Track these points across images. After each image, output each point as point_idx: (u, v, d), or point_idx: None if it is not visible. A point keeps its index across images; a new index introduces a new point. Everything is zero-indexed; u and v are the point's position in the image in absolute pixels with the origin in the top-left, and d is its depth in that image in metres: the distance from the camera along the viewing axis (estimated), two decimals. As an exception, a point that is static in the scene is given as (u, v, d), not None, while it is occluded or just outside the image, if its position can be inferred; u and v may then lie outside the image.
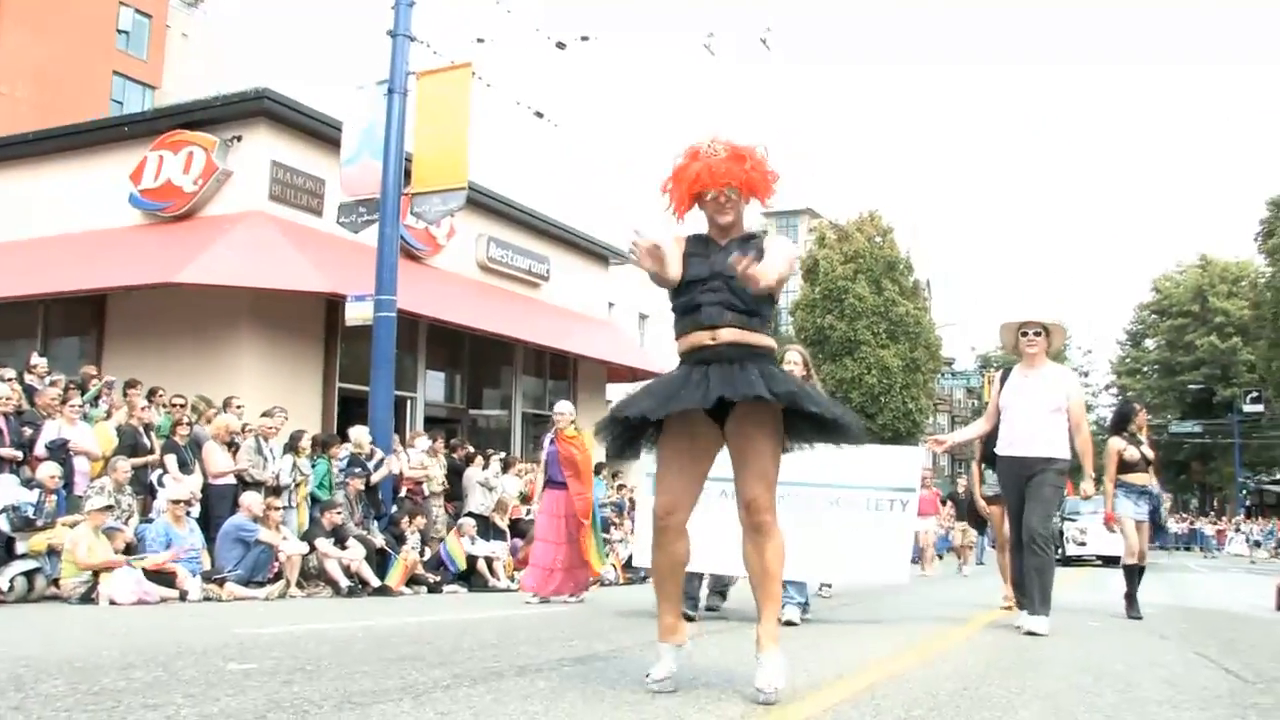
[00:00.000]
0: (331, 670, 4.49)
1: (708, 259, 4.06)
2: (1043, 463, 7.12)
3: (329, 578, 10.87)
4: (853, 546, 7.57)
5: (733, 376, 3.83)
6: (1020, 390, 7.34)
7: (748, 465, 3.99)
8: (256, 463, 11.36)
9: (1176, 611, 10.24)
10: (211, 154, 15.68)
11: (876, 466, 7.70)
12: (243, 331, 14.94)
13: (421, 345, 18.26)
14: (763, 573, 4.02)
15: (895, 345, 40.75)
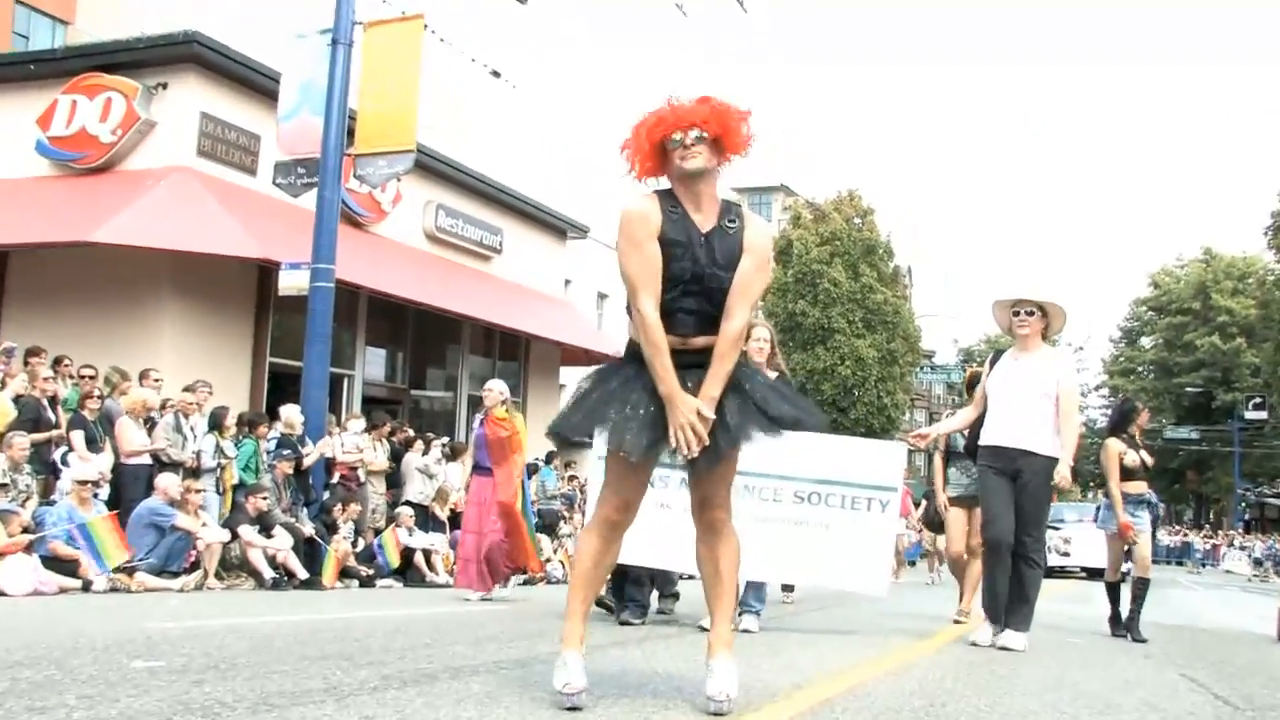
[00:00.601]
0: (248, 669, 4.44)
1: (687, 252, 3.86)
2: (1028, 458, 6.92)
3: (252, 568, 10.81)
4: (824, 548, 7.44)
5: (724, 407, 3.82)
6: (1009, 376, 7.14)
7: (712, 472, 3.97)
8: (175, 441, 11.23)
9: (1163, 630, 10.32)
10: (133, 101, 15.38)
11: (854, 461, 7.60)
12: (164, 299, 14.76)
13: (361, 319, 18.18)
14: (716, 575, 4.01)
15: (871, 335, 40.92)
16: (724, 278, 3.86)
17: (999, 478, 7.02)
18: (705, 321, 3.87)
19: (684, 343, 3.86)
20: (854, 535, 7.49)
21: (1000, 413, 7.12)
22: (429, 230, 20.11)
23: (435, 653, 5.32)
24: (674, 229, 3.87)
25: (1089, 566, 23.84)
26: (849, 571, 7.59)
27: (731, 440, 3.86)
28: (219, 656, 4.83)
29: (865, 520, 7.52)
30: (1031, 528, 7.00)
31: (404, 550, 13.00)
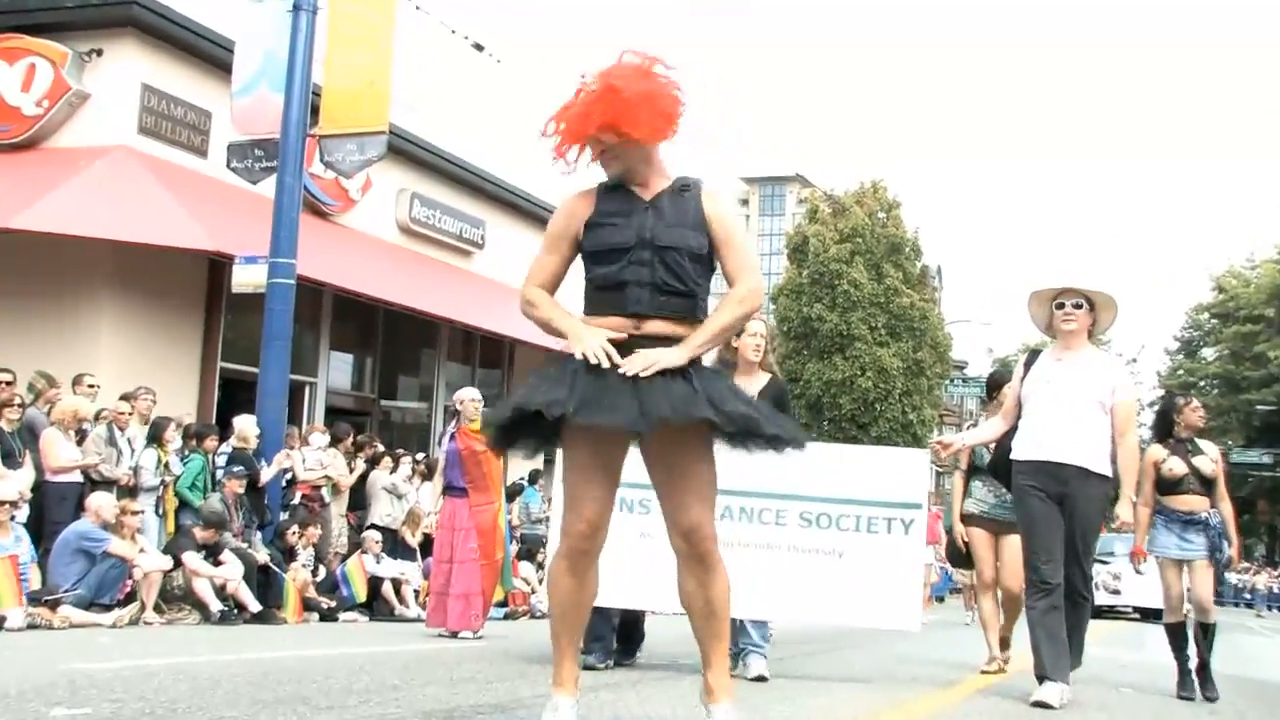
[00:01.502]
0: (190, 715, 4.40)
1: (629, 220, 3.92)
2: (1079, 475, 6.50)
3: (197, 600, 10.68)
4: (838, 579, 7.12)
5: (669, 389, 3.75)
6: (1051, 378, 6.72)
7: (683, 483, 3.97)
8: (108, 456, 11.09)
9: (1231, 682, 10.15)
10: (62, 69, 15.14)
11: (870, 475, 7.29)
12: (100, 296, 14.60)
13: (326, 321, 18.10)
14: (710, 613, 3.99)
15: (896, 343, 40.97)
16: (677, 235, 3.93)
17: (1046, 503, 6.56)
18: (660, 294, 3.90)
19: (637, 326, 3.86)
20: (873, 562, 7.14)
21: (1041, 422, 6.68)
22: (403, 222, 20.03)
23: (404, 695, 5.30)
24: (610, 202, 4.00)
25: (1142, 606, 23.61)
26: (870, 605, 7.20)
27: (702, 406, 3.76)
28: (156, 701, 4.77)
29: (885, 544, 7.17)
30: (1079, 559, 6.66)
31: (371, 580, 12.89)
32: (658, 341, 3.85)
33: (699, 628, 4.02)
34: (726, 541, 6.59)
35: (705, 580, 3.97)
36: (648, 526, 6.72)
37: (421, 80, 19.36)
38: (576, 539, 3.95)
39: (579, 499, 3.96)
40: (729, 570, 6.46)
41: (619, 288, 3.89)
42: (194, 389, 15.61)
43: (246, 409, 13.33)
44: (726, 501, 6.67)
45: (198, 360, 15.77)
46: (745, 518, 7.07)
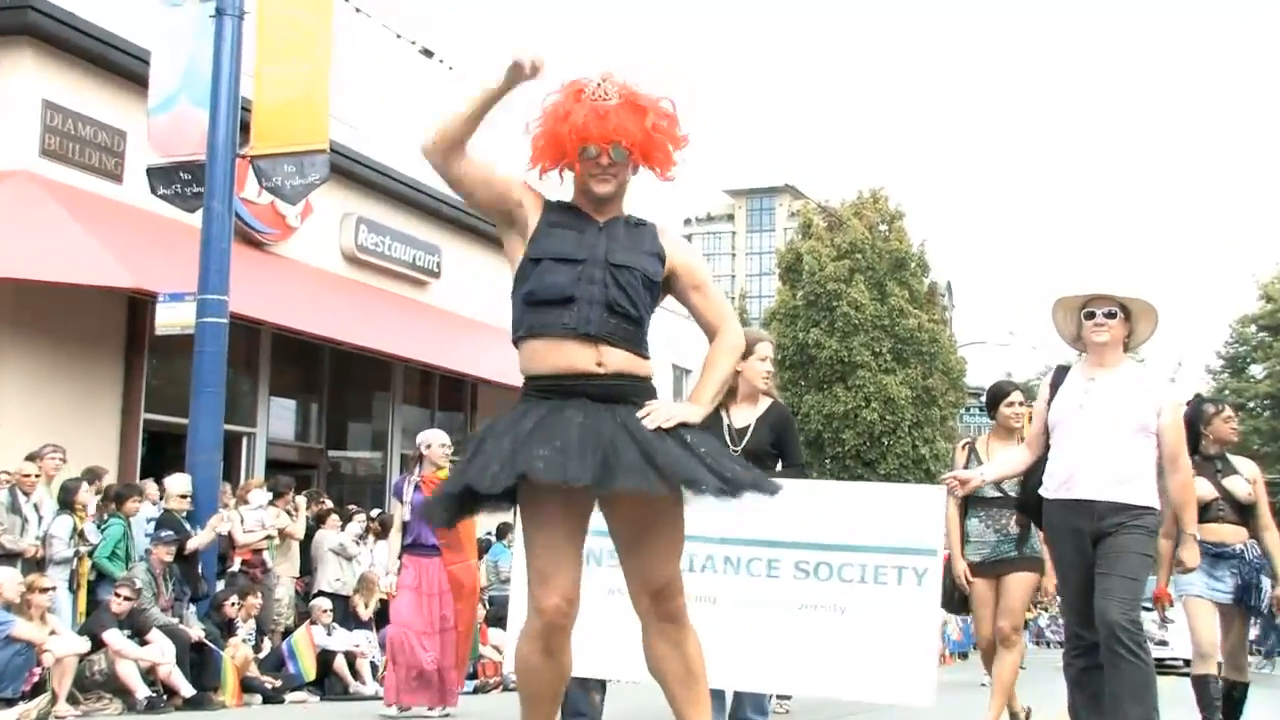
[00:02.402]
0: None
1: (580, 235, 3.95)
2: (1118, 513, 6.10)
3: (120, 685, 10.52)
4: (840, 641, 6.67)
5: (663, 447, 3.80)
6: (1083, 402, 6.32)
7: (653, 542, 4.01)
8: (11, 525, 10.90)
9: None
10: (-54, 86, 15.05)
11: (876, 516, 6.83)
12: (2, 341, 14.33)
13: (264, 363, 18.01)
14: (689, 675, 4.04)
15: (904, 369, 41.05)
16: (633, 257, 3.99)
17: (1079, 553, 6.25)
18: (612, 314, 3.92)
19: (599, 360, 3.90)
20: (880, 620, 6.66)
21: (1075, 453, 6.30)
22: (348, 250, 19.95)
23: None
24: (561, 214, 4.07)
25: None
26: (877, 674, 6.69)
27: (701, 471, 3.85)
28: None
29: (894, 598, 6.68)
30: (1121, 597, 6.03)
31: (321, 654, 12.81)
32: (623, 382, 3.92)
33: (678, 696, 4.04)
34: (709, 597, 6.51)
35: (679, 640, 4.02)
36: (618, 583, 6.52)
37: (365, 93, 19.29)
38: (552, 615, 3.92)
39: (549, 570, 3.93)
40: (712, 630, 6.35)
41: (566, 303, 3.88)
42: (114, 444, 15.44)
43: (175, 465, 13.23)
44: (709, 550, 6.65)
45: (117, 412, 15.60)
46: (731, 569, 6.75)
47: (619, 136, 3.91)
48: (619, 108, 3.92)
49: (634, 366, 3.97)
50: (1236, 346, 63.15)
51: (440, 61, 17.14)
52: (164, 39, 14.03)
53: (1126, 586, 6.08)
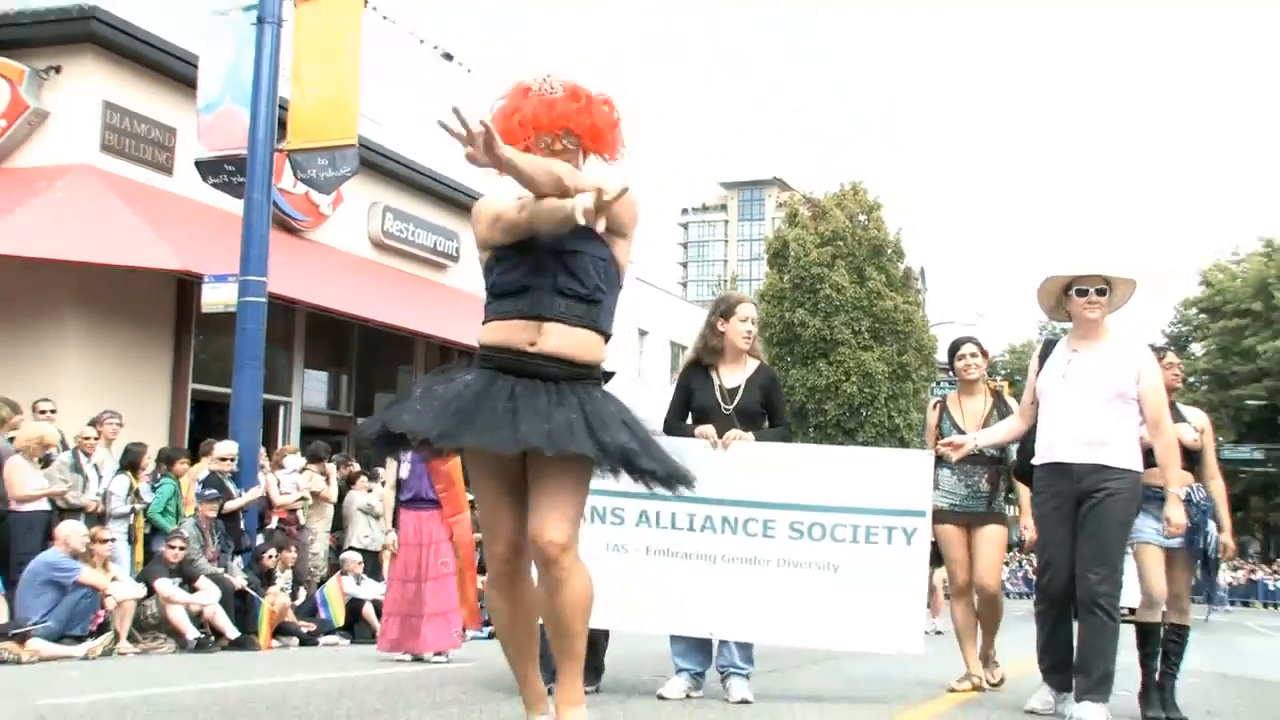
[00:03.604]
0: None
1: None
2: (1100, 474, 6.04)
3: (172, 628, 10.61)
4: (833, 597, 6.55)
5: (549, 415, 3.74)
6: (1066, 373, 6.26)
7: (548, 499, 3.87)
8: (74, 483, 11.05)
9: (1227, 682, 10.17)
10: (19, 87, 15.17)
11: (867, 480, 6.72)
12: (66, 318, 14.59)
13: (299, 339, 18.18)
14: (555, 627, 3.92)
15: (881, 346, 41.04)
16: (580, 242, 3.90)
17: (1057, 512, 6.20)
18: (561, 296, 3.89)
19: (532, 341, 3.86)
20: (871, 577, 6.55)
21: (1061, 421, 6.24)
22: (375, 236, 20.12)
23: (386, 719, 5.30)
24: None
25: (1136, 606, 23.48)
26: (868, 627, 6.61)
27: (578, 439, 3.74)
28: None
29: (885, 557, 6.56)
30: (1099, 563, 6.01)
31: (350, 602, 12.83)
32: (554, 364, 3.86)
33: (550, 640, 3.96)
34: (708, 555, 6.53)
35: (552, 591, 3.86)
36: (619, 538, 6.59)
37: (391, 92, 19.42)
38: (499, 563, 3.98)
39: (493, 524, 3.98)
40: (710, 586, 6.41)
41: (520, 292, 3.91)
42: (165, 412, 15.61)
43: (219, 431, 13.32)
44: (708, 511, 6.57)
45: (168, 382, 15.76)
46: (729, 529, 6.60)
47: (567, 122, 3.95)
48: (564, 99, 3.96)
49: (572, 350, 3.91)
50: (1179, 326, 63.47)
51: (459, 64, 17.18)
52: (211, 45, 14.14)
53: (1107, 557, 6.04)
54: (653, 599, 6.53)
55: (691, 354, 6.88)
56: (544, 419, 3.70)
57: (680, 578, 6.54)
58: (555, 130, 3.95)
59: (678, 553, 6.60)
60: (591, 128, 3.99)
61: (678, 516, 6.60)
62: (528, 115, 3.93)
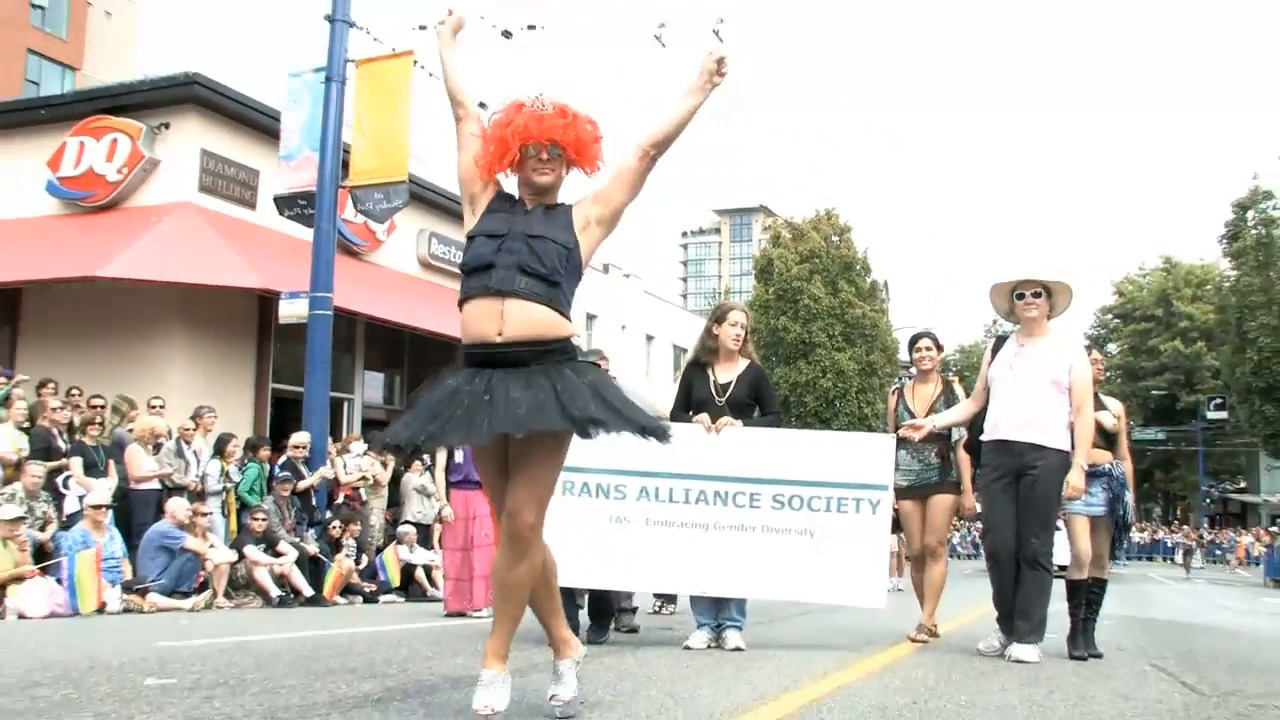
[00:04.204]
0: (256, 685, 4.44)
1: (510, 216, 3.85)
2: (1037, 452, 6.17)
3: (259, 587, 10.77)
4: (810, 558, 6.52)
5: (519, 399, 3.54)
6: (1013, 364, 6.37)
7: (521, 475, 3.70)
8: (178, 466, 11.23)
9: (1135, 623, 10.34)
10: (137, 141, 15.48)
11: (838, 459, 6.69)
12: (171, 330, 14.78)
13: (359, 344, 18.20)
14: (502, 590, 3.73)
15: (851, 348, 41.02)
16: (547, 229, 3.79)
17: (999, 481, 6.30)
18: (523, 274, 3.70)
19: (499, 330, 3.68)
20: (842, 541, 6.53)
21: (1005, 404, 6.33)
22: (422, 257, 20.15)
23: (436, 665, 5.30)
24: (499, 201, 3.92)
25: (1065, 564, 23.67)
26: (840, 583, 6.58)
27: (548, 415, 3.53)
28: (228, 673, 4.82)
29: (854, 524, 6.55)
30: (1039, 529, 6.19)
31: (405, 567, 12.91)
32: (521, 349, 3.67)
33: (495, 598, 3.79)
34: (701, 524, 6.52)
35: (511, 562, 3.68)
36: (622, 511, 6.54)
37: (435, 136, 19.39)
38: (502, 525, 3.81)
39: (497, 500, 3.86)
40: (705, 551, 6.45)
41: (487, 269, 3.73)
42: (250, 407, 15.74)
43: (294, 423, 13.42)
44: (701, 486, 6.54)
45: (252, 382, 15.91)
46: (720, 501, 6.58)
47: (554, 135, 3.77)
48: (553, 115, 3.78)
49: (536, 330, 3.69)
50: (1098, 329, 63.99)
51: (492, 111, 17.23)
52: (290, 102, 14.20)
53: (1045, 522, 6.22)
54: (653, 563, 6.53)
55: (691, 355, 6.91)
56: (515, 405, 3.51)
57: (677, 544, 6.51)
58: (542, 141, 3.77)
59: (674, 522, 6.55)
60: (576, 141, 3.82)
61: (674, 491, 6.56)
62: (519, 126, 3.75)
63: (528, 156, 3.80)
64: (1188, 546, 44.53)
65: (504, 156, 3.81)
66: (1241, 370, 36.95)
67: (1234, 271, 39.86)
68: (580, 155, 3.86)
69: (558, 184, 3.90)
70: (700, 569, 6.54)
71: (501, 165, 3.86)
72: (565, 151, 3.83)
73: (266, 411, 15.92)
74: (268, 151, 15.04)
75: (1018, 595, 6.23)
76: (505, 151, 3.80)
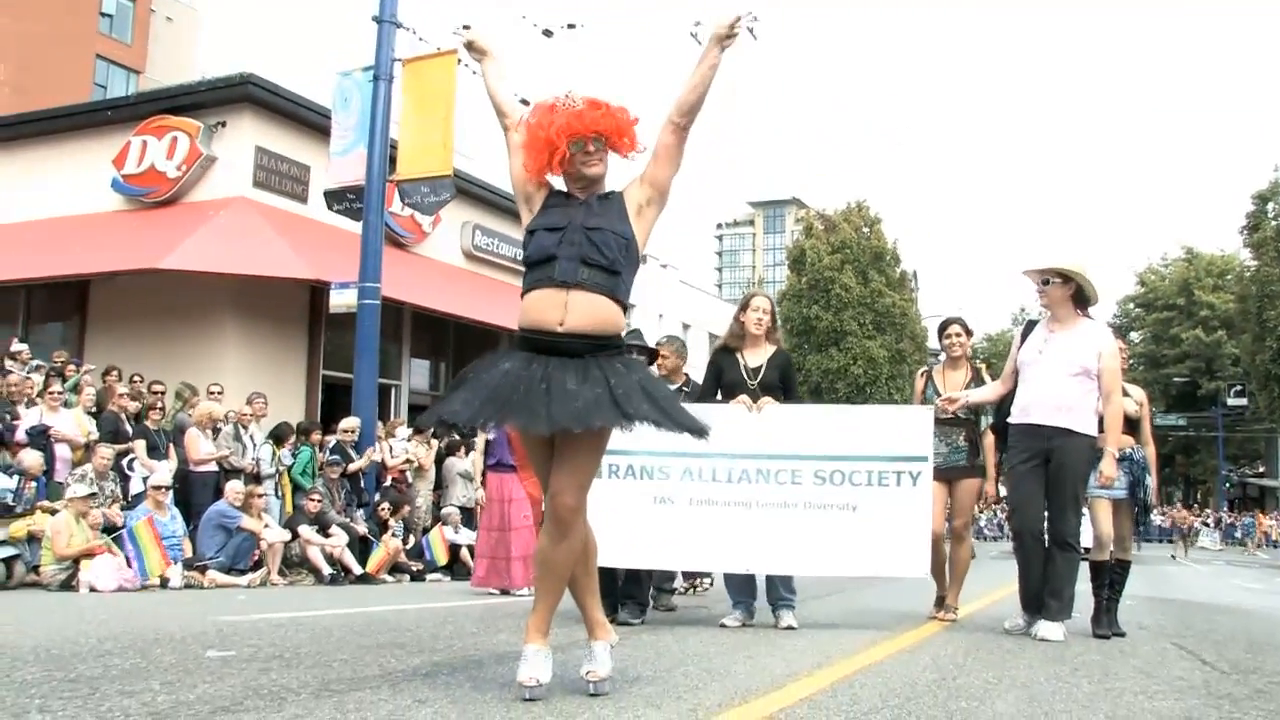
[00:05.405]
0: (310, 658, 4.49)
1: (566, 209, 3.86)
2: (1064, 436, 6.07)
3: (311, 565, 10.87)
4: (853, 532, 6.38)
5: (578, 394, 3.53)
6: (1042, 349, 6.26)
7: (567, 463, 3.70)
8: (235, 450, 11.37)
9: (1156, 603, 10.26)
10: (195, 140, 15.66)
11: (878, 432, 6.54)
12: (226, 318, 14.93)
13: (406, 333, 18.25)
14: (545, 569, 3.74)
15: (881, 336, 40.88)
16: (604, 220, 3.81)
17: (1026, 464, 6.19)
18: (585, 266, 3.71)
19: (561, 321, 3.67)
20: (885, 514, 6.38)
21: (1032, 389, 6.23)
22: (466, 249, 20.19)
23: (481, 640, 5.33)
24: (554, 198, 3.94)
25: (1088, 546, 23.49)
26: (883, 555, 6.40)
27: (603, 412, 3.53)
28: (284, 646, 4.88)
29: (895, 496, 6.39)
30: (1068, 511, 6.11)
31: (450, 547, 12.95)
32: (580, 341, 3.67)
33: (536, 576, 3.78)
34: (745, 503, 6.39)
35: (553, 542, 3.68)
36: (663, 491, 6.46)
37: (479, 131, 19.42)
38: (549, 509, 3.79)
39: (542, 478, 3.87)
40: (749, 528, 6.35)
41: (549, 261, 3.74)
42: (302, 393, 15.86)
43: (344, 409, 13.49)
44: (744, 465, 6.42)
45: (304, 369, 16.02)
46: (763, 479, 6.43)
47: (598, 126, 3.78)
48: (587, 108, 3.79)
49: (597, 324, 3.70)
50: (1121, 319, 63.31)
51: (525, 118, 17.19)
52: (340, 100, 14.23)
53: (1071, 507, 6.14)
54: (697, 543, 6.44)
55: (721, 340, 6.89)
56: (573, 398, 3.51)
57: (721, 523, 6.39)
58: (587, 135, 3.77)
59: (718, 501, 6.44)
60: (616, 128, 3.81)
61: (717, 471, 6.44)
62: (561, 125, 3.74)
63: (574, 152, 3.81)
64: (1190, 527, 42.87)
65: (554, 156, 3.81)
66: (1261, 358, 36.64)
67: (1254, 262, 39.43)
68: (621, 140, 3.87)
69: (605, 173, 3.92)
70: (744, 547, 6.44)
71: (553, 165, 3.86)
72: (609, 140, 3.84)
73: (318, 397, 16.02)
74: (319, 148, 15.13)
75: (1048, 574, 6.16)
76: (554, 151, 3.80)
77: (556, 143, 3.77)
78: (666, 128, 3.97)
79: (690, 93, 3.97)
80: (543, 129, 3.79)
